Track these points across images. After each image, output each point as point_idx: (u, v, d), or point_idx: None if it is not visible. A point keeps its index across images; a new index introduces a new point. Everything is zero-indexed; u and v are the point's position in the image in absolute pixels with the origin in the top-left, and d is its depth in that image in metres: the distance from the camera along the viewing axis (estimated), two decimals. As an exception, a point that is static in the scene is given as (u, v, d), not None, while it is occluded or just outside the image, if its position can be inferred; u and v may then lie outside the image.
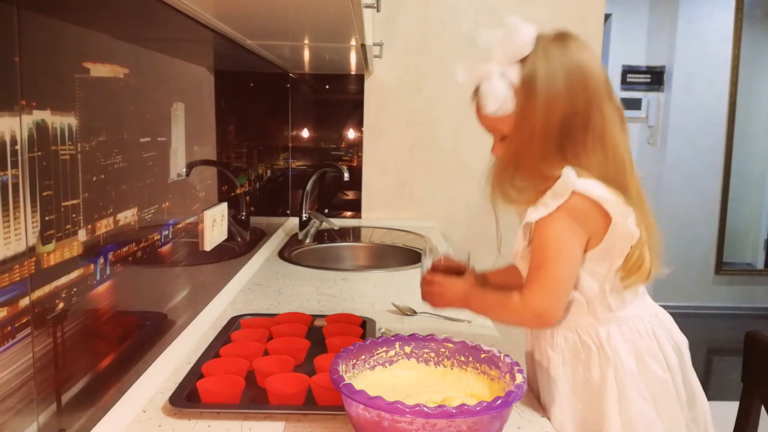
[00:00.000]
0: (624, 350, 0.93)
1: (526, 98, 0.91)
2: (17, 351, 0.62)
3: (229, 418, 0.87)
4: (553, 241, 0.91)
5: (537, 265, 0.93)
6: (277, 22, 1.36)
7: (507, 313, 0.98)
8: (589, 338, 0.94)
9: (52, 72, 0.68)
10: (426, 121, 2.49)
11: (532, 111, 0.91)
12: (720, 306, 4.58)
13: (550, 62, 0.91)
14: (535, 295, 0.93)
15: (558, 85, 0.90)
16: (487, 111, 0.92)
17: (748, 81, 4.45)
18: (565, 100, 0.90)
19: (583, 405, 0.94)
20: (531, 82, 0.90)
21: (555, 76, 0.90)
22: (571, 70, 0.90)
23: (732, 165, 4.47)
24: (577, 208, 0.90)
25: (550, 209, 0.91)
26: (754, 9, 4.40)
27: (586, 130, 0.91)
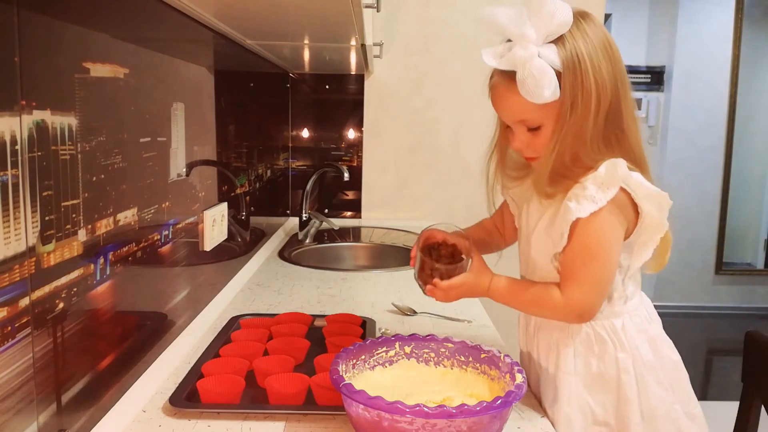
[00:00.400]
0: (639, 340, 0.93)
1: (574, 82, 0.83)
2: (17, 351, 0.62)
3: (229, 418, 0.87)
4: (602, 237, 0.87)
5: (582, 260, 0.88)
6: (277, 22, 1.36)
7: (544, 307, 0.94)
8: (604, 330, 0.93)
9: (52, 72, 0.68)
10: (426, 121, 2.49)
11: (584, 95, 0.84)
12: (720, 306, 4.58)
13: (589, 41, 0.84)
14: (581, 292, 0.89)
15: (602, 64, 0.84)
16: (538, 97, 0.83)
17: (748, 81, 4.45)
18: (610, 80, 0.85)
19: (593, 398, 0.93)
20: (578, 63, 0.83)
21: (598, 55, 0.84)
22: (606, 48, 0.86)
23: (732, 165, 4.47)
24: (622, 201, 0.87)
25: (600, 204, 0.85)
26: (754, 9, 4.39)
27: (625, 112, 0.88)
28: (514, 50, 0.83)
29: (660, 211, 0.88)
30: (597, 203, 0.85)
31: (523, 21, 0.83)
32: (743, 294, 4.62)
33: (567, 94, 0.84)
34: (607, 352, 0.93)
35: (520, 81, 0.83)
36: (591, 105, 0.84)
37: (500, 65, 0.85)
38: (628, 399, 0.91)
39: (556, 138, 0.87)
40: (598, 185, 0.85)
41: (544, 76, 0.81)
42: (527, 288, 0.96)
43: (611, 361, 0.92)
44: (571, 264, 0.90)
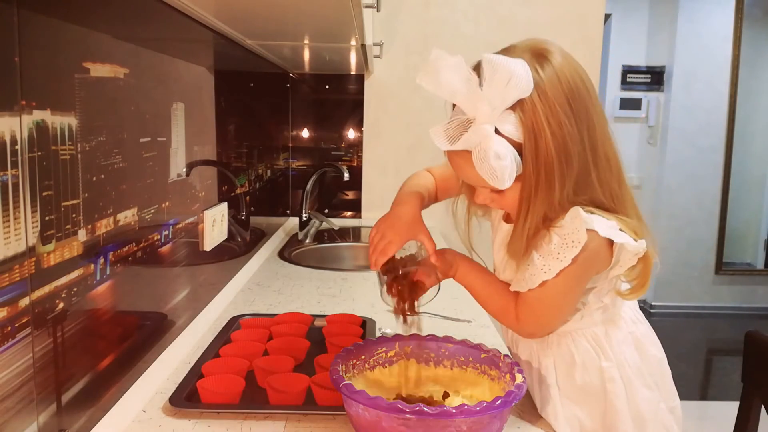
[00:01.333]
0: (626, 345, 0.92)
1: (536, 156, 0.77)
2: (17, 351, 0.62)
3: (229, 418, 0.87)
4: (562, 288, 0.85)
5: (541, 301, 0.87)
6: (277, 22, 1.36)
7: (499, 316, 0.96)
8: (585, 340, 0.91)
9: (52, 72, 0.68)
10: (426, 121, 2.47)
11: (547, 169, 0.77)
12: (720, 306, 4.58)
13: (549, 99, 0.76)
14: (534, 324, 0.91)
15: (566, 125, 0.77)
16: (499, 185, 0.77)
17: (748, 81, 4.45)
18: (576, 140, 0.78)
19: (580, 409, 0.91)
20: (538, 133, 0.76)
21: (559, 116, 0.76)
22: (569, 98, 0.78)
23: (732, 165, 4.47)
24: (591, 251, 0.81)
25: (564, 263, 0.82)
26: (754, 9, 4.40)
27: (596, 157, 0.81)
28: (468, 135, 0.76)
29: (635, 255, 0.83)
30: (562, 261, 0.82)
31: (475, 91, 0.76)
32: (743, 294, 4.62)
33: (530, 168, 0.78)
34: (591, 361, 0.90)
35: (477, 165, 0.77)
36: (555, 174, 0.78)
37: (454, 149, 0.78)
38: (616, 408, 0.89)
39: (525, 212, 0.82)
40: (563, 238, 0.81)
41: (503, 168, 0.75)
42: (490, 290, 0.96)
43: (595, 371, 0.90)
44: (530, 300, 0.88)
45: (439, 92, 0.78)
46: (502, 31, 2.42)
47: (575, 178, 0.80)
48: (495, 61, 0.75)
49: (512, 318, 0.92)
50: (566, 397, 0.91)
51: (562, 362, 0.92)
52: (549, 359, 0.93)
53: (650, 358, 0.94)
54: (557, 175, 0.78)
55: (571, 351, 0.91)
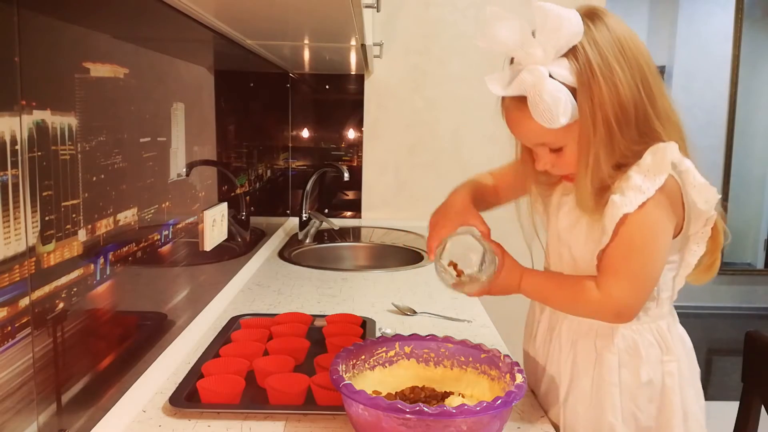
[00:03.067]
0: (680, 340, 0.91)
1: (592, 99, 0.78)
2: (17, 351, 0.62)
3: (229, 418, 0.87)
4: (647, 230, 0.80)
5: (624, 254, 0.82)
6: (277, 22, 1.36)
7: (578, 305, 0.88)
8: (651, 334, 0.88)
9: (52, 72, 0.68)
10: (426, 121, 2.49)
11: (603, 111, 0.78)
12: (720, 306, 4.57)
13: (602, 48, 0.78)
14: (620, 288, 0.83)
15: (618, 72, 0.78)
16: (555, 124, 0.77)
17: (748, 81, 4.45)
18: (629, 85, 0.79)
19: (637, 405, 0.88)
20: (592, 77, 0.78)
21: (611, 64, 0.78)
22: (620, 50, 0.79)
23: (732, 165, 4.47)
24: (672, 190, 0.80)
25: (647, 194, 0.78)
26: (754, 9, 4.39)
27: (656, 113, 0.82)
28: (522, 75, 0.78)
29: (706, 204, 0.82)
30: (644, 193, 0.79)
31: (528, 39, 0.78)
32: (743, 294, 4.62)
33: (586, 112, 0.79)
34: (654, 356, 0.88)
35: (532, 107, 0.78)
36: (611, 119, 0.79)
37: (508, 93, 0.80)
38: (672, 403, 0.88)
39: (586, 161, 0.82)
40: (644, 173, 0.80)
41: (557, 102, 0.76)
42: (561, 282, 0.91)
43: (658, 365, 0.88)
44: (612, 258, 0.83)
45: (496, 47, 0.80)
46: (502, 31, 2.42)
47: (636, 124, 0.80)
48: (546, 8, 0.78)
49: (594, 296, 0.84)
50: (627, 395, 0.89)
51: (628, 358, 0.89)
52: (613, 356, 0.89)
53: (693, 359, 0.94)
54: (613, 119, 0.79)
55: (638, 345, 0.88)
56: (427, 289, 1.58)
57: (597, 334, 0.91)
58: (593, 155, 0.81)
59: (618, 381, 0.89)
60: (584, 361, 0.92)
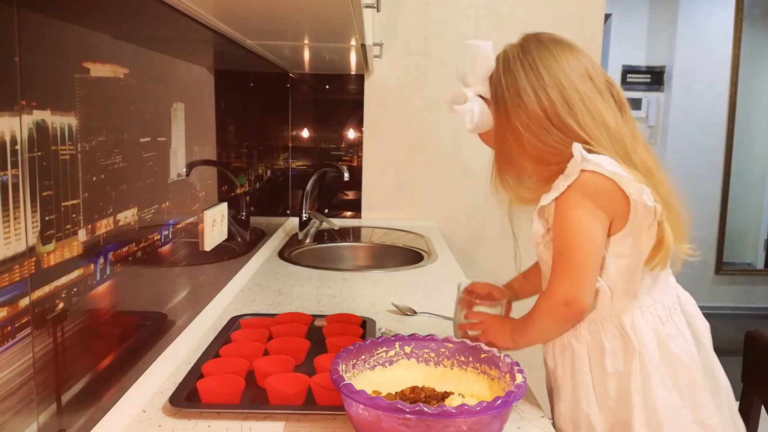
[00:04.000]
0: (648, 338, 0.92)
1: (497, 108, 0.96)
2: (17, 351, 0.62)
3: (229, 418, 0.87)
4: (572, 223, 0.90)
5: (558, 251, 0.92)
6: (277, 22, 1.36)
7: (542, 320, 0.95)
8: (614, 327, 0.92)
9: (52, 72, 0.68)
10: (426, 121, 2.49)
11: (504, 117, 0.95)
12: (720, 306, 4.58)
13: (510, 69, 0.95)
14: (560, 284, 0.91)
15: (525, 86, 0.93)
16: (467, 129, 1.00)
17: (748, 81, 4.45)
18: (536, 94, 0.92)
19: (609, 395, 0.92)
20: (496, 93, 0.96)
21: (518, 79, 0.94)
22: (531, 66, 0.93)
23: (732, 165, 4.47)
24: (591, 185, 0.88)
25: (561, 189, 0.90)
26: (754, 9, 4.40)
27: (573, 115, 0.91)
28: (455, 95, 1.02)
29: (637, 194, 0.87)
30: (560, 189, 0.90)
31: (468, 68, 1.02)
32: (743, 294, 4.62)
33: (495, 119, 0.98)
34: (619, 349, 0.92)
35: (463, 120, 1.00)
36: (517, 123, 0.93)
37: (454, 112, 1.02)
38: (632, 401, 0.90)
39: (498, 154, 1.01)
40: (564, 174, 0.90)
41: (465, 111, 0.99)
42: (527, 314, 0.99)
43: (620, 355, 0.92)
44: (553, 260, 0.93)
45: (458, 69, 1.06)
46: (502, 31, 2.42)
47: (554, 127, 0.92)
48: (469, 45, 1.02)
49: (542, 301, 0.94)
50: (599, 384, 0.93)
51: (595, 348, 0.93)
52: (583, 347, 0.94)
53: (673, 360, 0.93)
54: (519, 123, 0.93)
55: (601, 337, 0.93)
56: (427, 289, 1.58)
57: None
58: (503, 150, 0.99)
59: (589, 370, 0.94)
60: (560, 352, 0.98)
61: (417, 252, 2.02)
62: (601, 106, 0.93)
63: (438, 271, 1.80)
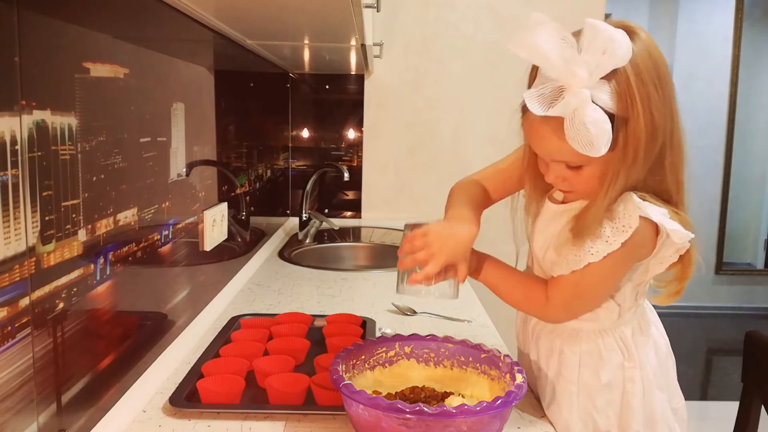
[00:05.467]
0: (648, 347, 0.92)
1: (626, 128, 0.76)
2: (17, 351, 0.62)
3: (229, 418, 0.87)
4: (601, 276, 0.85)
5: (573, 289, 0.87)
6: (277, 22, 1.36)
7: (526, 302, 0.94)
8: (614, 340, 0.91)
9: (52, 72, 0.68)
10: (426, 121, 2.49)
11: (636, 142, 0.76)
12: (720, 306, 4.58)
13: (641, 73, 0.75)
14: (561, 310, 0.90)
15: (655, 102, 0.77)
16: (592, 152, 0.74)
17: (748, 81, 4.45)
18: (662, 118, 0.78)
19: (597, 409, 0.90)
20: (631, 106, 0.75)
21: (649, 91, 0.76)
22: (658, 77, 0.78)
23: (732, 165, 4.47)
24: (639, 236, 0.81)
25: (614, 246, 0.81)
26: (754, 9, 4.39)
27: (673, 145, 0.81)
28: (567, 98, 0.73)
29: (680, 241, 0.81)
30: (611, 245, 0.81)
31: (573, 56, 0.74)
32: (743, 294, 4.62)
33: (620, 141, 0.76)
34: (615, 361, 0.90)
35: (571, 132, 0.74)
36: (641, 150, 0.77)
37: (550, 114, 0.75)
38: (632, 408, 0.89)
39: (609, 185, 0.79)
40: (614, 225, 0.81)
41: (602, 133, 0.72)
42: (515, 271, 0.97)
43: (618, 370, 0.90)
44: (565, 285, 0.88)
45: (531, 57, 0.76)
46: (502, 31, 2.42)
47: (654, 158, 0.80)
48: (597, 27, 0.74)
49: (540, 302, 0.90)
50: (585, 395, 0.91)
51: (590, 359, 0.91)
52: (575, 355, 0.92)
53: (665, 360, 0.94)
54: (643, 151, 0.77)
55: (600, 348, 0.91)
56: (427, 289, 1.58)
57: (559, 335, 0.94)
58: (615, 183, 0.79)
59: (576, 379, 0.91)
60: (546, 357, 0.96)
61: (417, 252, 2.02)
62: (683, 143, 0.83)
63: (438, 271, 1.79)
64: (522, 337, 1.04)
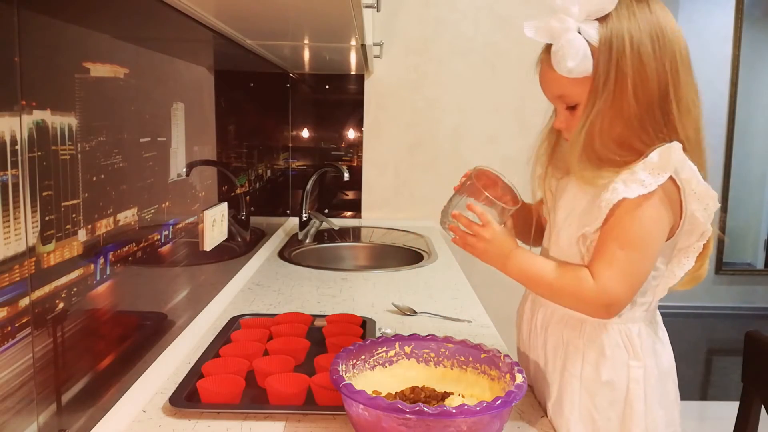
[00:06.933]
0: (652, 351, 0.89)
1: (608, 59, 0.82)
2: (17, 351, 0.62)
3: (229, 418, 0.87)
4: (646, 226, 0.81)
5: (620, 246, 0.82)
6: (277, 22, 1.36)
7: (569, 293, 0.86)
8: (619, 335, 0.88)
9: (52, 72, 0.68)
10: (426, 121, 2.49)
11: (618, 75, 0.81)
12: (720, 306, 4.57)
13: (635, 23, 0.82)
14: (616, 281, 0.82)
15: (644, 48, 0.81)
16: (563, 69, 0.82)
17: (748, 81, 4.45)
18: (653, 66, 0.82)
19: (598, 409, 0.88)
20: (614, 42, 0.81)
21: (641, 39, 0.81)
22: (655, 34, 0.82)
23: (732, 165, 4.47)
24: (672, 192, 0.81)
25: (649, 188, 0.79)
26: (754, 9, 4.39)
27: (677, 99, 0.83)
28: (551, 22, 0.84)
29: (705, 212, 0.83)
30: (646, 187, 0.80)
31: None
32: (743, 294, 4.62)
33: (600, 70, 0.82)
34: (620, 358, 0.88)
35: (553, 53, 0.83)
36: (627, 86, 0.81)
37: (536, 36, 0.85)
38: (635, 410, 0.87)
39: (587, 114, 0.84)
40: (650, 170, 0.80)
41: (571, 47, 0.81)
42: (554, 265, 0.89)
43: (622, 368, 0.88)
44: (609, 248, 0.83)
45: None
46: (502, 31, 2.42)
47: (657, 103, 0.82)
48: None
49: (589, 286, 0.83)
50: (586, 392, 0.89)
51: (592, 354, 0.89)
52: (578, 349, 0.90)
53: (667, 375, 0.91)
54: (629, 87, 0.81)
55: (603, 343, 0.88)
56: (427, 289, 1.58)
57: (566, 325, 0.92)
58: (595, 113, 0.83)
59: (579, 374, 0.89)
60: (552, 349, 0.94)
61: (417, 252, 2.02)
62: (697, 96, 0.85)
63: (438, 271, 1.80)
64: (526, 332, 1.00)
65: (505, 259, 0.91)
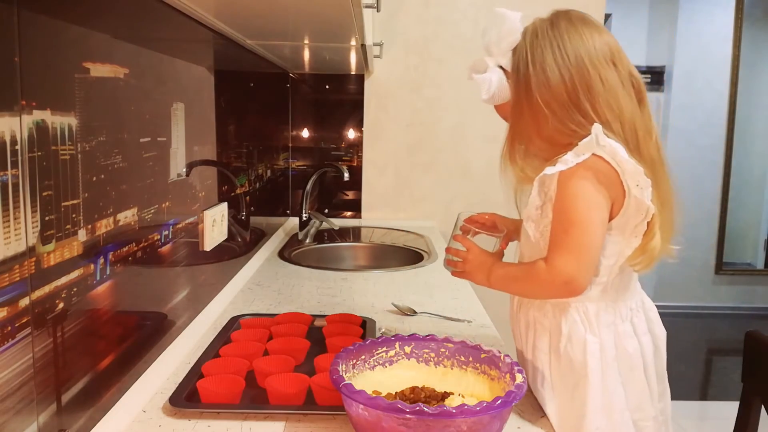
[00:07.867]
0: (608, 329, 0.93)
1: (518, 81, 0.95)
2: (17, 351, 0.62)
3: (229, 418, 0.87)
4: (579, 201, 0.88)
5: (563, 228, 0.90)
6: (277, 22, 1.36)
7: (533, 283, 0.94)
8: (576, 312, 0.93)
9: (52, 72, 0.68)
10: (426, 121, 2.49)
11: (523, 92, 0.94)
12: (720, 306, 4.58)
13: (537, 41, 0.93)
14: (563, 260, 0.89)
15: (549, 59, 0.92)
16: (484, 100, 0.98)
17: (748, 81, 4.45)
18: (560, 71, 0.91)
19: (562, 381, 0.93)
20: (519, 66, 0.94)
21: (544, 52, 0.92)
22: (559, 43, 0.92)
23: (732, 165, 4.47)
24: (600, 168, 0.87)
25: (570, 165, 0.88)
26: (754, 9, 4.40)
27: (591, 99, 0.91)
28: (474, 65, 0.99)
29: (638, 188, 0.87)
30: (567, 165, 0.88)
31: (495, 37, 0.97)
32: (743, 294, 4.62)
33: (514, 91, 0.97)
34: (577, 333, 0.92)
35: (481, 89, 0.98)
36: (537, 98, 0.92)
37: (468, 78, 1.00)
38: (591, 383, 0.90)
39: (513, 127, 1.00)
40: (575, 151, 0.89)
41: (483, 82, 0.97)
42: (516, 264, 1.00)
43: (579, 343, 0.91)
44: (554, 235, 0.92)
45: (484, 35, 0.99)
46: (502, 31, 2.42)
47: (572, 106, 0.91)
48: (496, 13, 0.97)
49: (542, 272, 0.91)
50: (553, 366, 0.94)
51: (555, 330, 0.94)
52: (545, 327, 0.95)
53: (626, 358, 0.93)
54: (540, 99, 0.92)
55: (562, 320, 0.93)
56: (427, 289, 1.58)
57: (532, 305, 0.98)
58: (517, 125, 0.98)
59: (547, 350, 0.95)
60: (524, 330, 1.00)
61: (417, 252, 2.02)
62: (620, 94, 0.92)
63: (438, 271, 1.80)
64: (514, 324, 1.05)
65: (488, 273, 1.00)
